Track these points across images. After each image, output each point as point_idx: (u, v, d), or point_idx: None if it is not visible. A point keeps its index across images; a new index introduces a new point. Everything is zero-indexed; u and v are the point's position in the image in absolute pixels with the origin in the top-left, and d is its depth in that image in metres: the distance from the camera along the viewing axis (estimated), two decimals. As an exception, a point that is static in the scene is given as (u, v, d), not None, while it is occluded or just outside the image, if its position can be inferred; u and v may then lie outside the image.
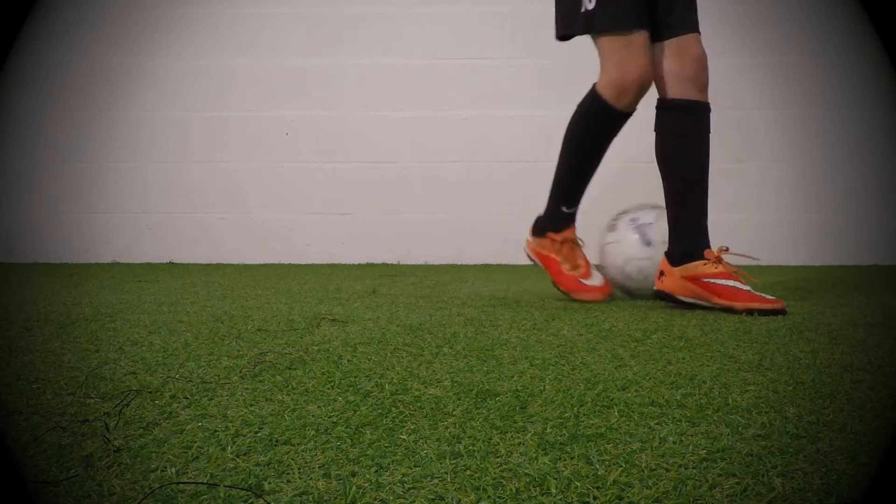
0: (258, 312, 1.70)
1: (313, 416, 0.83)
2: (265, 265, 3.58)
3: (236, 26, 3.76)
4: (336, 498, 0.59)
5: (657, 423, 0.79)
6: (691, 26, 1.96)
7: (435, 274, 3.00)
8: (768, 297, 1.73)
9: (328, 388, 0.95)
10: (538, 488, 0.61)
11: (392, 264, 3.65)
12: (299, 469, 0.66)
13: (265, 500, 0.59)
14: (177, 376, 1.02)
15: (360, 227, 3.74)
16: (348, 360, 1.13)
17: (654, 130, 1.94)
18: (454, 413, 0.83)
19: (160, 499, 0.59)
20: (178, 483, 0.62)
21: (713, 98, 1.90)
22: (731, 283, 1.76)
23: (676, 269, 1.81)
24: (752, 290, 1.75)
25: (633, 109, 1.97)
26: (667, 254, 1.87)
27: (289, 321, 1.55)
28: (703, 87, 1.90)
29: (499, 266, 3.56)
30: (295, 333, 1.40)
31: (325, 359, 1.14)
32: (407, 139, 3.72)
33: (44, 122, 3.74)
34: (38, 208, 3.75)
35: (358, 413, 0.84)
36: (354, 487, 0.61)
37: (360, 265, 3.59)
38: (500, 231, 3.72)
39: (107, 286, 2.40)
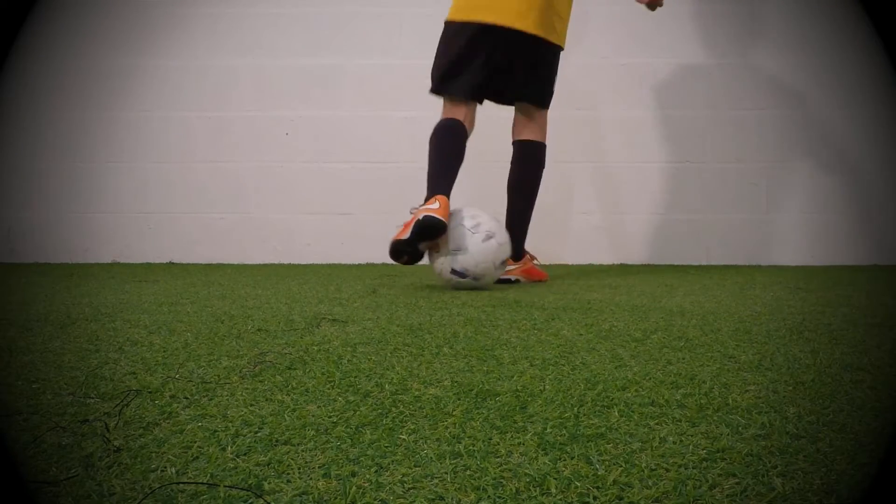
0: (258, 312, 1.70)
1: (313, 416, 0.83)
2: (265, 265, 3.58)
3: (236, 26, 3.76)
4: (336, 498, 0.59)
5: (657, 423, 0.79)
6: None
7: (435, 274, 3.00)
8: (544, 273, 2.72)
9: (328, 388, 0.95)
10: (538, 488, 0.61)
11: (392, 264, 3.65)
12: (299, 469, 0.66)
13: (265, 500, 0.59)
14: (177, 376, 1.02)
15: (360, 227, 3.74)
16: (348, 360, 1.13)
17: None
18: (454, 413, 0.83)
19: (160, 499, 0.59)
20: (178, 483, 0.62)
21: (714, 98, 1.91)
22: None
23: (516, 264, 2.63)
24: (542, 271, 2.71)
25: None
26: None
27: (289, 321, 1.55)
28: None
29: (499, 266, 3.55)
30: (295, 333, 1.40)
31: (325, 359, 1.14)
32: (407, 139, 3.72)
33: (44, 122, 3.74)
34: (38, 208, 3.75)
35: (358, 413, 0.84)
36: (354, 487, 0.61)
37: (360, 265, 3.59)
38: (500, 231, 3.72)
39: (107, 286, 2.40)
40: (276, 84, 3.76)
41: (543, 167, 2.66)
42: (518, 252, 2.61)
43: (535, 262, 2.76)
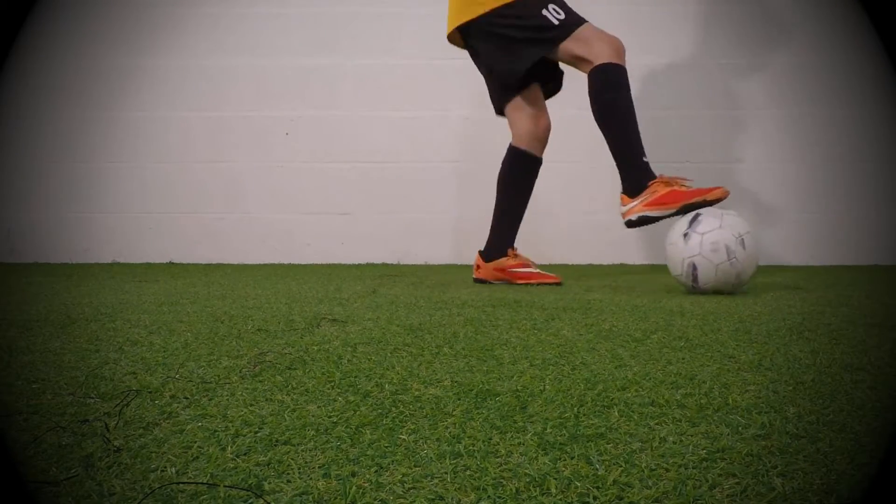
0: (258, 312, 1.70)
1: (313, 416, 0.83)
2: (265, 265, 3.58)
3: (236, 26, 3.76)
4: (336, 498, 0.59)
5: (657, 423, 0.79)
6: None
7: (435, 274, 3.00)
8: (550, 275, 2.52)
9: (328, 388, 0.95)
10: (538, 488, 0.61)
11: (392, 264, 3.65)
12: (299, 469, 0.66)
13: (265, 500, 0.59)
14: (177, 376, 1.02)
15: (360, 227, 3.74)
16: (348, 360, 1.13)
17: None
18: (454, 413, 0.83)
19: (160, 499, 0.59)
20: (178, 483, 0.62)
21: (714, 98, 1.91)
22: (525, 269, 2.53)
23: (490, 264, 2.55)
24: (540, 272, 2.53)
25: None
26: (481, 252, 2.59)
27: (289, 321, 1.55)
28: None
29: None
30: (295, 333, 1.40)
31: (325, 359, 1.14)
32: (407, 139, 3.72)
33: (44, 122, 3.74)
34: (38, 208, 3.75)
35: (358, 413, 0.84)
36: (354, 487, 0.61)
37: (360, 265, 3.59)
38: (500, 231, 3.72)
39: (107, 286, 2.40)
40: (276, 84, 3.76)
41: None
42: (492, 250, 2.54)
43: (516, 263, 2.54)
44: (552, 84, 2.59)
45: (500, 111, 2.59)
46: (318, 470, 0.66)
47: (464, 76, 3.73)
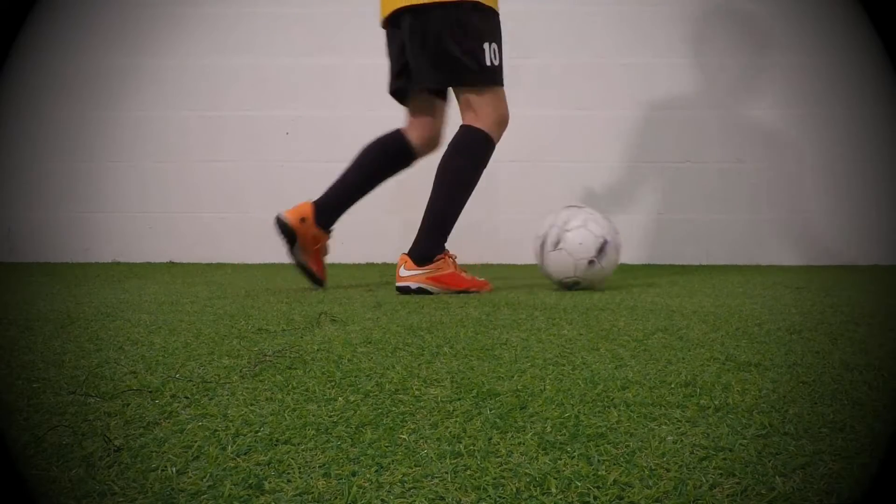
0: (258, 312, 1.70)
1: (313, 415, 0.83)
2: (265, 265, 3.58)
3: (236, 26, 3.76)
4: (336, 497, 0.59)
5: (657, 423, 0.79)
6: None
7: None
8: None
9: (328, 388, 0.95)
10: (538, 488, 0.61)
11: (392, 264, 3.65)
12: (300, 469, 0.66)
13: (265, 500, 0.59)
14: (177, 376, 1.02)
15: (360, 227, 3.74)
16: (348, 360, 1.13)
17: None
18: (454, 413, 0.83)
19: (160, 498, 0.59)
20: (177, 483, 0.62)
21: (716, 98, 1.92)
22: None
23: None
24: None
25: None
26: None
27: (289, 321, 1.55)
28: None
29: (499, 266, 3.56)
30: (295, 333, 1.40)
31: (325, 359, 1.14)
32: (407, 139, 3.72)
33: (44, 121, 3.75)
34: (38, 208, 3.75)
35: (358, 413, 0.84)
36: (355, 487, 0.61)
37: (360, 265, 3.59)
38: (500, 231, 3.73)
39: (107, 286, 2.40)
40: (276, 84, 3.76)
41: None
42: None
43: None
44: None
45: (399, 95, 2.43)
46: (318, 469, 0.66)
47: (464, 76, 3.74)
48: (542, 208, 2.80)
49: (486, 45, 2.16)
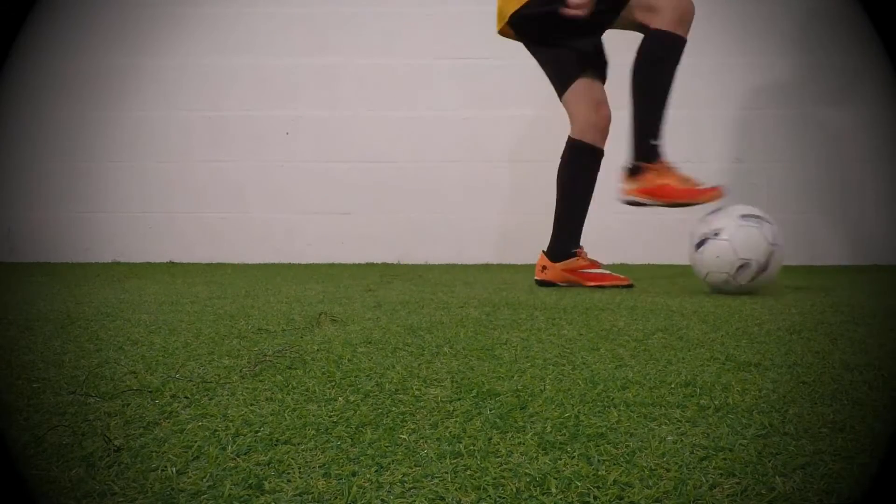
0: (258, 312, 1.70)
1: (313, 415, 0.83)
2: (265, 265, 3.58)
3: (236, 26, 3.76)
4: (336, 497, 0.60)
5: (657, 423, 0.79)
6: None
7: (435, 274, 3.00)
8: (620, 276, 2.45)
9: (328, 388, 0.95)
10: (538, 488, 0.61)
11: (392, 264, 3.65)
12: (300, 468, 0.66)
13: (265, 500, 0.59)
14: (177, 376, 1.02)
15: (360, 227, 3.75)
16: (348, 360, 1.13)
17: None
18: (454, 413, 0.83)
19: (160, 499, 0.59)
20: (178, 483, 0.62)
21: (714, 98, 1.93)
22: (595, 270, 2.44)
23: (558, 265, 2.41)
24: (611, 273, 2.44)
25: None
26: (545, 252, 2.44)
27: (289, 321, 1.55)
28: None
29: (499, 266, 3.56)
30: (295, 333, 1.40)
31: (325, 359, 1.14)
32: (407, 139, 3.72)
33: (44, 121, 3.75)
34: (38, 208, 3.75)
35: (358, 413, 0.84)
36: (355, 487, 0.61)
37: (360, 265, 3.59)
38: (500, 231, 3.73)
39: (107, 286, 2.40)
40: (276, 84, 3.76)
41: (572, 161, 2.48)
42: (559, 249, 2.40)
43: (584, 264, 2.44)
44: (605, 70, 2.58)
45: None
46: (318, 469, 0.66)
47: (463, 76, 3.74)
48: (544, 209, 2.79)
49: None
